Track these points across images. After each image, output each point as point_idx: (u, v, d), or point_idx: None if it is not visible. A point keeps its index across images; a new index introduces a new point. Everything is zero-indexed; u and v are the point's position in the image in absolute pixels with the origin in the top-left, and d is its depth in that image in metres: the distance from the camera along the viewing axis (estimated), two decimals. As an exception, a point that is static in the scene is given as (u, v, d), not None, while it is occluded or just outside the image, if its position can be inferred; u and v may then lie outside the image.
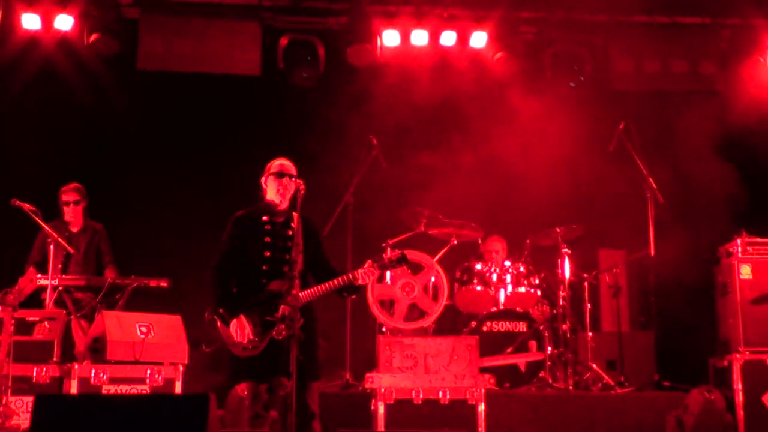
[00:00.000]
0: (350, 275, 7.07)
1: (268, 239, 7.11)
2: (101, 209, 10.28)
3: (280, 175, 7.21)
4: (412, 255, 9.93)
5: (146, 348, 8.40)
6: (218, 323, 7.03)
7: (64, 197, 9.86)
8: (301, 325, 6.72)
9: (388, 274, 9.89)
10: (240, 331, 6.93)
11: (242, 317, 6.95)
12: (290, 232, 7.15)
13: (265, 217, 7.20)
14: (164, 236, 11.31)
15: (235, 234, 7.20)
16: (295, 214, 7.17)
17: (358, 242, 10.23)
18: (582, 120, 11.48)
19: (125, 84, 11.77)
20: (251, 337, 6.90)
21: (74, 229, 9.91)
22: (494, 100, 11.80)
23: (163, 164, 11.61)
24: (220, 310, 7.02)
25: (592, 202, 11.54)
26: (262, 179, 7.33)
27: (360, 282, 7.08)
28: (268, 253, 7.07)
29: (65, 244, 9.28)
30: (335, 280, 7.07)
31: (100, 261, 9.89)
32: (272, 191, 7.23)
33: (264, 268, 7.05)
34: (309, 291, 7.00)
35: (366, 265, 7.10)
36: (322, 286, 7.05)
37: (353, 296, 7.39)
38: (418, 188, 11.43)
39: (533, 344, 10.14)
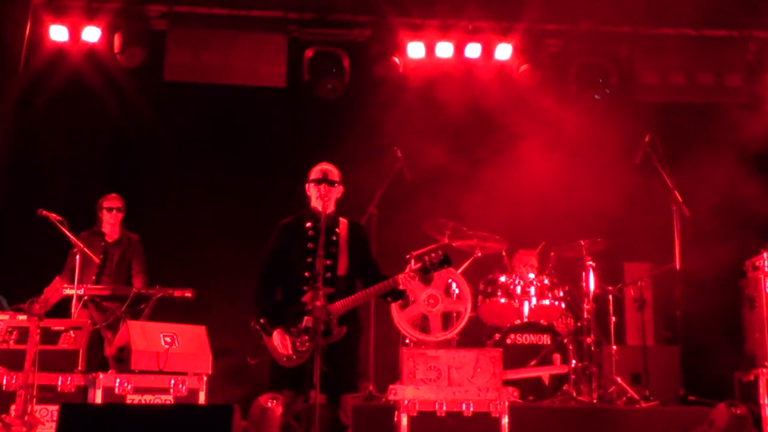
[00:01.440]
0: (391, 281, 6.95)
1: (310, 245, 7.01)
2: (128, 220, 10.27)
3: (318, 181, 7.13)
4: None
5: (170, 358, 8.36)
6: (262, 333, 6.94)
7: (107, 203, 9.95)
8: (342, 335, 6.77)
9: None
10: (282, 343, 6.84)
11: (281, 329, 6.86)
12: (335, 238, 7.08)
13: (308, 224, 7.11)
14: (190, 247, 11.34)
15: (279, 242, 7.12)
16: (342, 220, 7.14)
17: (381, 254, 10.11)
18: (607, 132, 11.41)
19: (153, 96, 11.80)
20: (291, 350, 6.81)
21: (110, 239, 9.96)
22: (519, 112, 11.74)
23: (189, 175, 11.63)
24: (262, 321, 6.93)
25: (617, 215, 11.42)
26: (306, 186, 7.25)
27: (402, 287, 6.97)
28: (311, 260, 6.95)
29: (91, 254, 9.30)
30: (375, 287, 6.95)
31: (132, 272, 9.93)
32: (314, 197, 7.16)
33: (306, 275, 6.93)
34: (348, 299, 6.91)
35: (407, 269, 7.02)
36: (362, 293, 6.96)
37: (399, 301, 7.30)
38: (441, 200, 11.42)
39: (557, 357, 10.08)
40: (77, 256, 9.07)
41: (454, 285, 10.12)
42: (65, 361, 8.27)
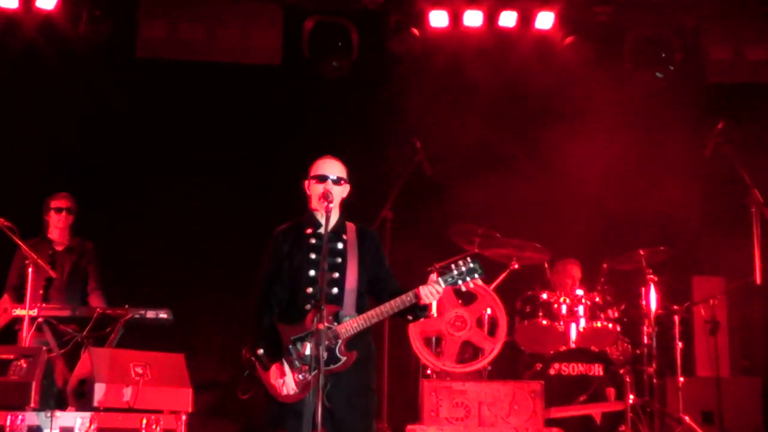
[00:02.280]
0: (411, 294, 6.81)
1: (312, 256, 6.94)
2: (91, 226, 10.26)
3: (320, 178, 7.03)
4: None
5: (142, 393, 8.28)
6: (257, 365, 6.86)
7: (53, 203, 9.91)
8: (351, 362, 6.70)
9: (434, 304, 9.79)
10: (280, 379, 6.76)
11: (284, 363, 6.78)
12: (341, 246, 7.01)
13: (309, 230, 7.05)
14: (166, 259, 11.35)
15: (275, 253, 7.05)
16: (350, 225, 7.10)
17: (397, 265, 10.07)
18: (670, 119, 11.44)
19: (122, 76, 11.80)
20: (293, 387, 6.73)
21: (59, 248, 9.91)
22: (562, 93, 11.79)
23: (165, 171, 11.65)
24: (258, 351, 6.85)
25: (683, 219, 11.39)
26: (305, 183, 7.15)
27: (425, 301, 6.81)
28: (314, 272, 6.88)
29: (47, 266, 9.25)
30: (392, 303, 6.81)
31: (86, 286, 9.86)
32: (314, 198, 7.07)
33: (308, 291, 6.87)
34: (358, 319, 6.81)
35: (430, 280, 6.86)
36: (376, 311, 6.84)
37: (420, 319, 7.21)
38: (469, 201, 11.41)
39: (611, 391, 10.05)
40: (29, 269, 9.02)
41: (487, 313, 10.13)
42: (15, 397, 8.15)
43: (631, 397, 9.93)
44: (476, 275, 6.86)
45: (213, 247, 11.30)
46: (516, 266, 10.68)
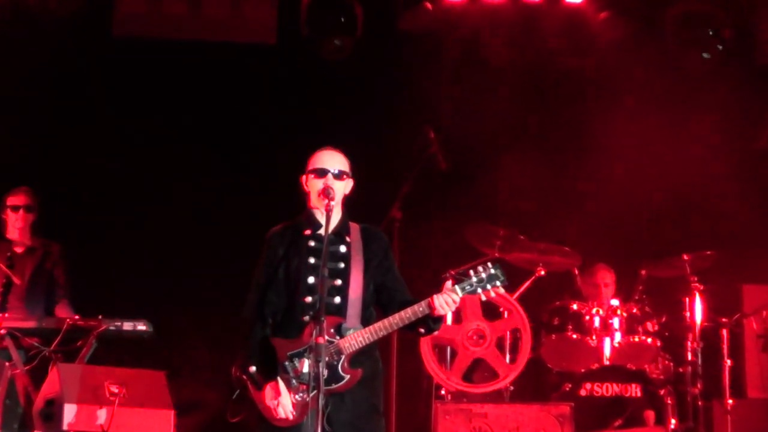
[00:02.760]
0: (424, 304, 6.73)
1: (311, 260, 6.89)
2: (60, 226, 10.25)
3: (319, 173, 6.97)
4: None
5: (118, 415, 8.27)
6: (249, 384, 6.80)
7: (10, 201, 9.85)
8: (356, 380, 6.64)
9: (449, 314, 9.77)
10: (275, 400, 6.69)
11: (279, 382, 6.71)
12: (344, 249, 6.96)
13: (307, 231, 7.00)
14: (146, 264, 11.33)
15: (269, 258, 7.01)
16: (353, 225, 7.05)
17: (408, 271, 10.06)
18: (718, 105, 11.45)
19: (96, 56, 11.82)
20: (290, 410, 6.67)
21: (18, 249, 9.86)
22: (594, 76, 11.82)
23: (144, 165, 11.63)
24: (250, 369, 6.79)
25: (732, 220, 11.43)
26: (303, 179, 7.09)
27: (439, 312, 6.74)
28: (313, 279, 6.82)
29: (7, 271, 9.27)
30: (402, 313, 6.75)
31: (51, 294, 9.80)
32: (313, 194, 7.01)
33: (307, 300, 6.82)
34: (364, 331, 6.75)
35: (445, 288, 6.78)
36: (384, 322, 6.78)
37: (433, 333, 7.15)
38: (489, 198, 11.47)
39: (650, 415, 9.98)
40: (-7, 275, 9.04)
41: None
42: (-27, 419, 8.25)
43: (673, 421, 9.96)
44: (498, 283, 6.79)
45: (198, 251, 11.28)
46: (542, 273, 10.69)
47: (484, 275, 6.76)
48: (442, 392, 10.00)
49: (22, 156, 11.57)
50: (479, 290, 6.77)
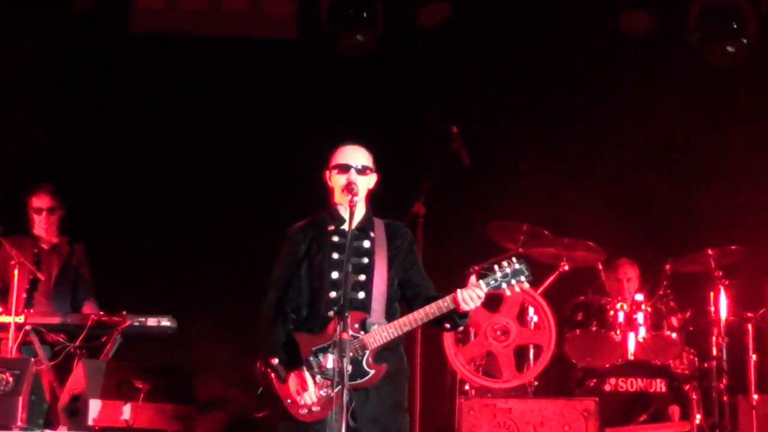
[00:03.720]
0: (448, 299, 6.77)
1: (335, 256, 6.93)
2: (84, 223, 10.39)
3: (343, 168, 7.01)
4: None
5: (142, 410, 8.40)
6: (273, 378, 6.83)
7: (35, 202, 9.95)
8: (380, 376, 6.68)
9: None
10: (301, 388, 6.74)
11: (303, 370, 6.76)
12: (368, 244, 7.00)
13: (330, 227, 7.03)
14: (169, 261, 11.45)
15: (291, 254, 7.03)
16: (377, 220, 7.09)
17: (431, 267, 10.14)
18: (742, 98, 11.47)
19: (113, 53, 11.88)
20: (315, 396, 6.73)
21: (45, 246, 9.98)
22: (617, 70, 11.79)
23: (164, 163, 11.76)
24: (272, 361, 6.81)
25: (758, 213, 11.40)
26: (326, 174, 7.11)
27: (463, 308, 6.77)
28: (337, 275, 6.85)
29: (33, 268, 9.39)
30: (427, 309, 6.78)
31: (77, 291, 9.95)
32: (337, 190, 7.03)
33: (331, 295, 6.86)
34: (388, 327, 6.80)
35: (470, 283, 6.82)
36: (409, 317, 6.82)
37: (459, 328, 7.22)
38: (513, 194, 11.49)
39: (675, 410, 10.04)
40: (15, 271, 9.12)
41: (531, 310, 10.14)
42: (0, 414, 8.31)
43: (698, 416, 9.97)
44: (522, 278, 6.82)
45: (220, 248, 11.33)
46: (566, 268, 10.65)
47: (508, 270, 6.78)
48: (467, 388, 10.02)
49: (41, 153, 11.76)
50: (504, 285, 6.79)
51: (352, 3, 11.84)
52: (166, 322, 9.28)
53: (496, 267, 6.83)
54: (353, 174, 6.95)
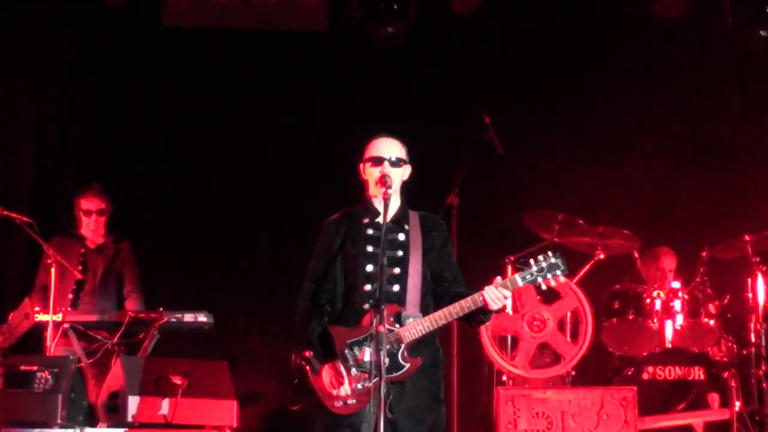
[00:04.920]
0: (475, 298, 6.78)
1: (370, 249, 6.96)
2: (120, 220, 10.44)
3: (377, 160, 7.02)
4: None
5: (181, 406, 8.46)
6: (307, 370, 6.90)
7: (85, 204, 10.04)
8: (415, 369, 6.73)
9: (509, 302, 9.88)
10: (335, 380, 6.79)
11: (337, 363, 6.80)
12: (403, 237, 7.03)
13: (365, 219, 7.07)
14: (205, 256, 11.51)
15: (327, 246, 7.08)
16: (412, 213, 7.11)
17: (466, 258, 10.20)
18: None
19: (146, 47, 11.94)
20: (349, 388, 6.77)
21: (92, 245, 10.08)
22: (651, 55, 11.77)
23: (200, 158, 11.80)
24: (306, 354, 6.88)
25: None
26: (360, 167, 7.14)
27: (492, 306, 6.79)
28: (372, 267, 6.90)
29: (71, 267, 9.48)
30: (461, 303, 6.79)
31: (122, 290, 10.05)
32: (371, 183, 7.06)
33: (366, 288, 6.90)
34: (424, 320, 6.82)
35: (495, 282, 6.81)
36: (443, 311, 6.82)
37: (483, 324, 7.22)
38: (547, 183, 11.53)
39: (715, 398, 10.05)
40: (52, 269, 9.19)
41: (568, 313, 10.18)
42: (39, 412, 8.37)
43: (738, 404, 9.95)
44: (558, 272, 6.85)
45: (257, 242, 11.39)
46: (602, 256, 10.64)
47: (544, 264, 6.81)
48: (504, 378, 10.04)
49: (72, 147, 11.85)
50: (539, 279, 6.82)
51: (384, -6, 11.82)
52: (202, 318, 9.35)
53: (531, 261, 6.86)
54: (387, 167, 6.97)
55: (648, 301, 10.51)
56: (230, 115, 11.99)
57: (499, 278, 6.82)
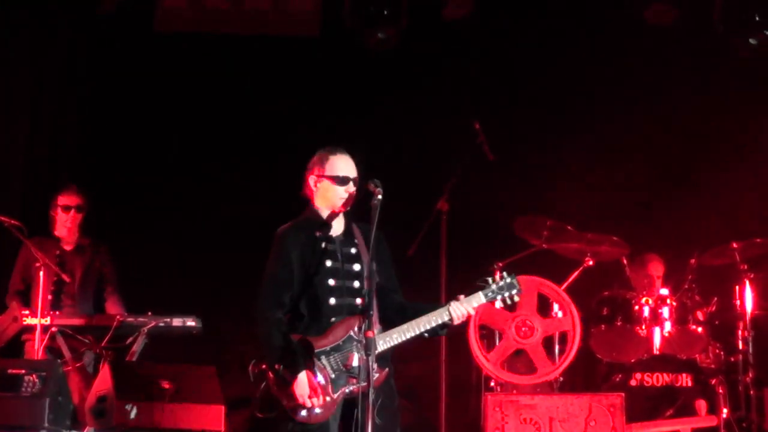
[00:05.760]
0: (441, 312, 6.99)
1: (329, 263, 7.06)
2: (107, 222, 10.51)
3: (343, 180, 7.14)
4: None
5: (168, 410, 8.46)
6: (273, 381, 6.92)
7: (63, 200, 10.00)
8: (383, 379, 6.83)
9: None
10: (310, 392, 6.79)
11: (308, 373, 6.82)
12: (353, 251, 7.14)
13: (318, 232, 7.14)
14: (194, 260, 11.51)
15: (285, 257, 7.13)
16: (356, 227, 7.20)
17: (454, 264, 10.25)
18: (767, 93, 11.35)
19: (137, 53, 11.94)
20: (324, 398, 6.82)
21: (67, 248, 10.04)
22: (641, 63, 11.80)
23: (188, 162, 11.81)
24: (277, 367, 6.89)
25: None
26: (310, 178, 7.25)
27: (456, 322, 7.03)
28: (334, 282, 7.02)
29: (58, 270, 9.46)
30: (428, 317, 6.96)
31: (101, 292, 10.03)
32: (326, 199, 7.17)
33: (330, 302, 6.99)
34: (392, 333, 6.93)
35: (460, 299, 7.02)
36: (410, 324, 6.95)
37: (437, 336, 7.33)
38: (536, 189, 11.50)
39: (702, 404, 9.99)
40: (41, 273, 9.20)
41: (555, 306, 10.14)
42: (26, 416, 8.36)
43: (725, 410, 9.94)
44: (514, 291, 7.15)
45: (246, 247, 11.28)
46: (590, 263, 10.68)
47: (502, 283, 7.09)
48: (492, 384, 10.03)
49: (63, 152, 11.82)
50: (499, 297, 7.11)
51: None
52: (191, 323, 9.40)
53: (490, 279, 7.14)
54: (351, 187, 7.12)
55: (636, 307, 10.49)
56: (221, 120, 12.01)
57: (463, 295, 7.04)
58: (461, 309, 6.97)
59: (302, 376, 6.78)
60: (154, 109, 11.94)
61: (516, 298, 7.16)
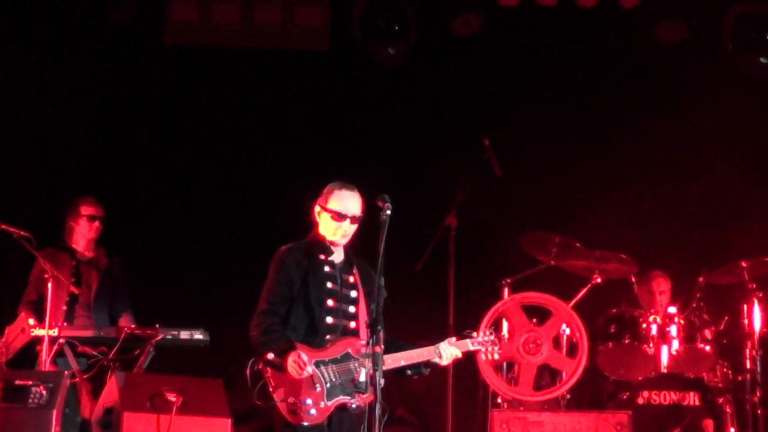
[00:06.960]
0: (431, 350, 7.21)
1: (329, 285, 7.21)
2: (115, 234, 10.39)
3: (341, 217, 7.26)
4: (537, 298, 9.98)
5: (176, 423, 8.45)
6: (268, 376, 7.01)
7: (84, 209, 9.96)
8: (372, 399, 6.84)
9: (505, 325, 9.93)
10: (303, 363, 6.87)
11: (299, 351, 6.91)
12: (351, 279, 7.30)
13: (321, 256, 7.29)
14: (202, 273, 11.54)
15: (287, 275, 7.25)
16: (355, 262, 7.36)
17: (462, 280, 10.23)
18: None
19: (147, 66, 11.97)
20: (311, 368, 6.89)
21: (83, 258, 9.98)
22: (651, 81, 11.81)
23: (199, 173, 11.84)
24: (267, 356, 7.01)
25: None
26: (315, 207, 7.38)
27: (443, 362, 7.26)
28: (332, 303, 7.18)
29: (68, 282, 9.46)
30: (419, 350, 7.20)
31: (115, 304, 10.00)
32: (326, 231, 7.31)
33: (328, 320, 7.14)
34: (386, 358, 6.95)
35: (450, 341, 7.25)
36: (402, 354, 7.14)
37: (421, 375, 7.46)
38: (545, 206, 11.54)
39: (709, 423, 10.01)
40: (49, 284, 9.19)
41: (566, 330, 10.17)
42: (33, 427, 8.32)
43: (732, 430, 9.98)
44: (496, 347, 7.52)
45: (255, 260, 11.29)
46: (598, 280, 10.63)
47: (488, 338, 7.39)
48: (498, 400, 10.02)
49: (73, 165, 11.84)
50: (483, 349, 7.47)
51: (384, 15, 11.86)
52: (198, 335, 9.39)
53: (476, 333, 7.44)
54: (347, 224, 7.27)
55: (644, 325, 10.48)
56: (230, 134, 12.02)
57: (454, 338, 7.29)
58: (450, 349, 7.22)
59: (293, 353, 6.88)
60: (163, 122, 11.96)
61: (497, 356, 7.90)
